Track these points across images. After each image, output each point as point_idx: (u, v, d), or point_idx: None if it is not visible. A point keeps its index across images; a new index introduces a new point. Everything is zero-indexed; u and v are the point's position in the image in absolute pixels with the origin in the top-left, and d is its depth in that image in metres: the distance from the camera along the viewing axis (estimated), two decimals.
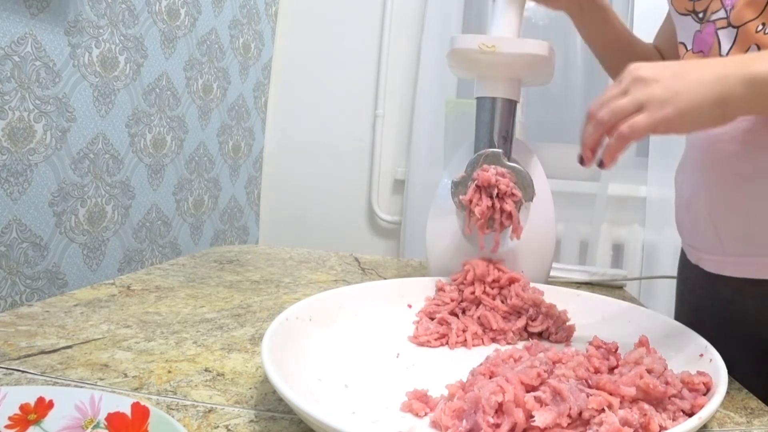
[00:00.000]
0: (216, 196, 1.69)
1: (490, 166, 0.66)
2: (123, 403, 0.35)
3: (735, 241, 0.61)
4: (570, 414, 0.36)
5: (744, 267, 0.60)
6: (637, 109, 0.48)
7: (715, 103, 0.47)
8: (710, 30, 0.61)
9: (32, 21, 1.04)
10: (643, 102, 0.48)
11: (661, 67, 0.50)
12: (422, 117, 1.75)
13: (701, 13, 0.62)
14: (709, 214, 0.63)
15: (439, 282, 0.66)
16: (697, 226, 0.66)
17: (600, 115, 0.50)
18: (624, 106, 0.49)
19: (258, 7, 1.79)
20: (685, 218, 0.69)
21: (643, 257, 1.64)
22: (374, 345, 0.56)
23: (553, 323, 0.61)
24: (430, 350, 0.57)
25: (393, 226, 1.86)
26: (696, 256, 0.68)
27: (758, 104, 0.49)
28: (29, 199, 1.07)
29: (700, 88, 0.47)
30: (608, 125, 0.50)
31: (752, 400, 0.49)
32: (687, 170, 0.69)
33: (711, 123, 0.49)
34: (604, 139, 0.51)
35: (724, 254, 0.62)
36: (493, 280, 0.64)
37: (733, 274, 0.62)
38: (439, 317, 0.60)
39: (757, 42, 0.56)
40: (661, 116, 0.47)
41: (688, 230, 0.69)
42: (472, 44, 0.66)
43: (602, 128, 0.50)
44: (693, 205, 0.66)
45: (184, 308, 0.65)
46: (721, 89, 0.47)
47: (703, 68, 0.49)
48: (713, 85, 0.47)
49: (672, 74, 0.49)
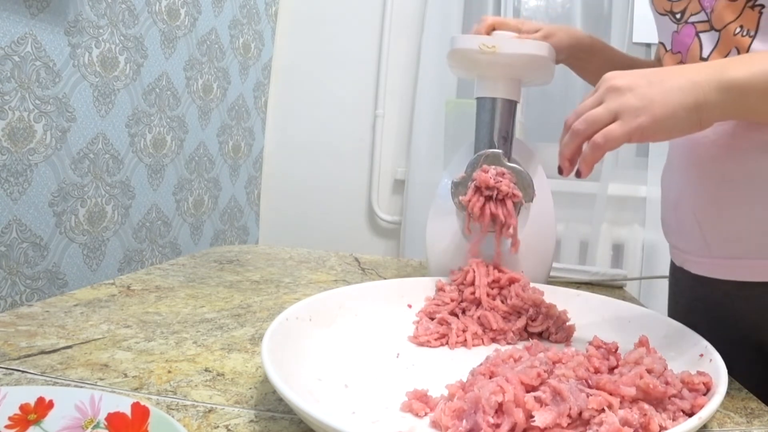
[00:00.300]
0: (216, 196, 1.69)
1: (490, 167, 0.66)
2: (123, 403, 0.35)
3: (721, 243, 0.60)
4: (570, 414, 0.36)
5: (731, 270, 0.60)
6: (612, 118, 0.49)
7: (691, 109, 0.48)
8: (689, 31, 0.60)
9: (32, 21, 1.04)
10: (617, 111, 0.48)
11: (636, 75, 0.50)
12: (422, 117, 1.75)
13: (678, 14, 0.62)
14: (695, 216, 0.62)
15: (439, 282, 0.66)
16: (684, 229, 0.65)
17: (575, 126, 0.51)
18: (598, 116, 0.49)
19: (258, 7, 1.79)
20: (672, 220, 0.68)
21: (643, 257, 1.64)
22: (374, 345, 0.56)
23: (553, 323, 0.61)
24: (430, 350, 0.57)
25: (393, 226, 1.86)
26: (681, 258, 0.68)
27: (734, 109, 0.49)
28: (29, 199, 1.07)
29: (674, 95, 0.48)
30: (584, 135, 0.50)
31: (752, 400, 0.49)
32: (672, 172, 0.68)
33: (687, 129, 0.49)
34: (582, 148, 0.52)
35: (711, 257, 0.62)
36: (494, 281, 0.64)
37: (720, 276, 0.61)
38: (439, 317, 0.60)
39: (737, 45, 0.56)
40: (636, 125, 0.48)
41: (675, 232, 0.69)
42: (472, 44, 0.66)
43: (578, 138, 0.51)
44: (679, 207, 0.66)
45: (184, 308, 0.65)
46: (696, 96, 0.47)
47: (677, 75, 0.49)
48: (688, 92, 0.48)
49: (646, 82, 0.49)
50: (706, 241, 0.62)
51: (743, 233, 0.58)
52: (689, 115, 0.48)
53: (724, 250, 0.60)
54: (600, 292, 0.76)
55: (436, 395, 0.43)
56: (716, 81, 0.48)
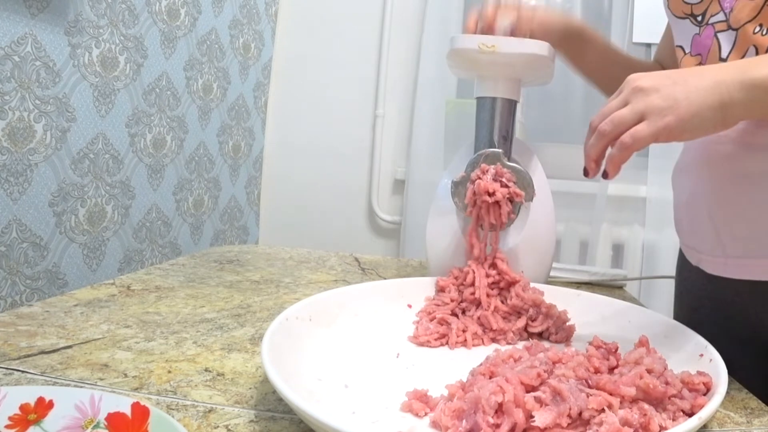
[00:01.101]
0: (216, 196, 1.69)
1: (490, 166, 0.66)
2: (123, 403, 0.35)
3: (736, 242, 0.60)
4: (570, 414, 0.36)
5: (745, 269, 0.60)
6: (638, 118, 0.49)
7: (715, 108, 0.48)
8: (709, 33, 0.60)
9: (32, 21, 1.04)
10: (643, 111, 0.49)
11: (660, 76, 0.50)
12: (422, 117, 1.75)
13: (700, 16, 0.62)
14: (709, 215, 0.62)
15: (440, 281, 0.66)
16: (697, 228, 0.66)
17: (602, 127, 0.51)
18: (624, 117, 0.49)
19: (258, 7, 1.79)
20: (685, 220, 0.69)
21: (643, 257, 1.64)
22: (374, 345, 0.56)
23: (553, 323, 0.61)
24: (430, 350, 0.57)
25: (393, 226, 1.86)
26: (696, 258, 0.68)
27: (757, 108, 0.49)
28: (29, 199, 1.07)
29: (699, 94, 0.48)
30: (611, 136, 0.50)
31: (752, 400, 0.49)
32: (685, 171, 0.69)
33: (712, 129, 0.49)
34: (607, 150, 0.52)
35: (725, 256, 0.62)
36: (493, 282, 0.64)
37: (735, 275, 0.61)
38: (439, 317, 0.60)
39: (755, 43, 0.56)
40: (663, 124, 0.48)
41: (688, 232, 0.69)
42: (472, 44, 0.66)
43: (605, 140, 0.51)
44: (692, 206, 0.66)
45: (184, 308, 0.65)
46: (720, 95, 0.48)
47: (701, 75, 0.49)
48: (712, 91, 0.48)
49: (671, 83, 0.49)
50: (721, 240, 0.62)
51: (759, 232, 0.58)
52: (714, 114, 0.48)
53: (738, 248, 0.60)
54: (600, 292, 0.76)
55: (436, 395, 0.43)
56: (740, 80, 0.48)
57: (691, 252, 0.69)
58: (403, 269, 0.94)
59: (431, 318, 0.61)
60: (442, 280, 0.66)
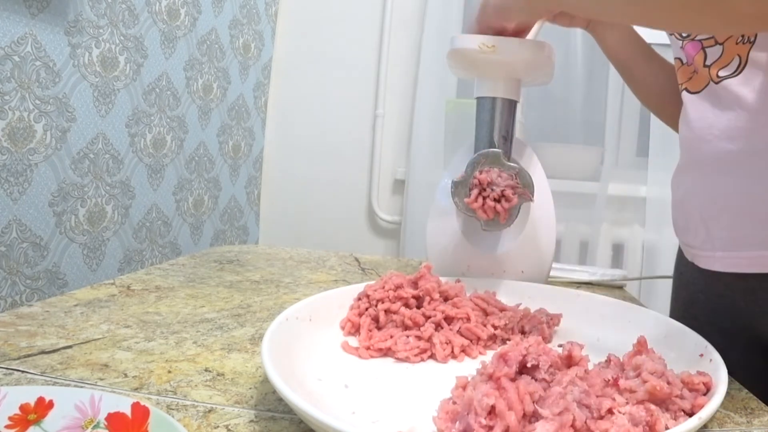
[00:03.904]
0: (216, 196, 1.69)
1: (491, 168, 0.66)
2: (123, 403, 0.35)
3: (723, 236, 0.62)
4: (574, 425, 0.36)
5: (732, 261, 0.61)
6: None
7: None
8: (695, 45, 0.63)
9: (32, 21, 1.04)
10: None
11: None
12: (422, 117, 1.75)
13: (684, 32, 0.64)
14: (700, 211, 0.64)
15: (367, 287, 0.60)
16: (690, 224, 0.67)
17: None
18: None
19: (258, 7, 1.79)
20: (680, 217, 0.70)
21: (643, 257, 1.64)
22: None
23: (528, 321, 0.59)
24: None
25: (393, 226, 1.86)
26: (691, 254, 0.70)
27: None
28: (29, 199, 1.07)
29: None
30: None
31: (752, 400, 0.49)
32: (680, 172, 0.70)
33: (518, 12, 0.60)
34: None
35: (714, 249, 0.63)
36: (414, 296, 0.59)
37: (723, 269, 0.63)
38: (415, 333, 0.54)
39: (738, 53, 0.58)
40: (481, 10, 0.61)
41: (682, 228, 0.71)
42: (472, 44, 0.66)
43: None
44: (686, 203, 0.68)
45: (184, 308, 0.65)
46: None
47: None
48: None
49: None
50: (710, 234, 0.63)
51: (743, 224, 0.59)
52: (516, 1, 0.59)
53: (725, 242, 0.62)
54: (600, 292, 0.76)
55: (441, 397, 0.43)
56: None
57: (687, 249, 0.71)
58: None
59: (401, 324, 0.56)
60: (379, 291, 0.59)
